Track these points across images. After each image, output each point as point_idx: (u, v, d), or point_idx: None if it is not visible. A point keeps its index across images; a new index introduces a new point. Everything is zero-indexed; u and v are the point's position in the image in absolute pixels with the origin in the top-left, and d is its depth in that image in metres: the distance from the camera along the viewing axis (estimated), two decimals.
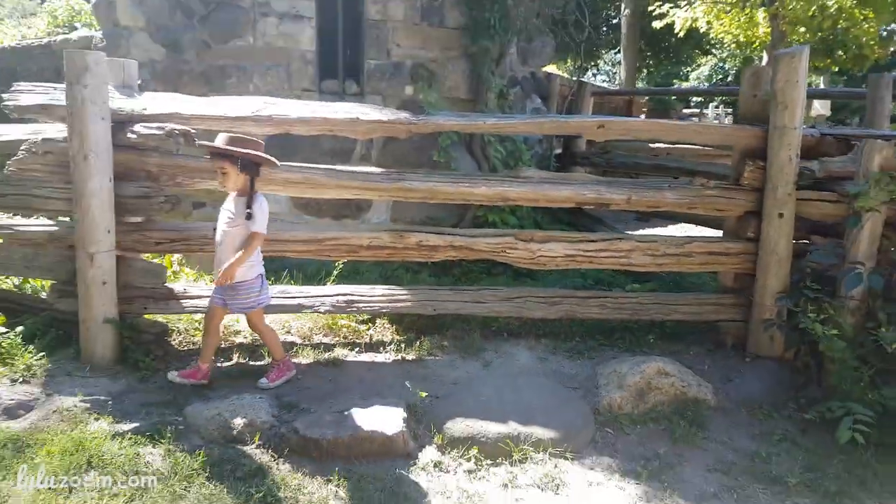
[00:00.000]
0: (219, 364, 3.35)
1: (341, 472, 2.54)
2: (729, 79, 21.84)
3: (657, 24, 9.79)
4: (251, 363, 3.40)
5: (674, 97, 14.21)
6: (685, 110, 15.05)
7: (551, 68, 9.96)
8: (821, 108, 10.91)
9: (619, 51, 15.63)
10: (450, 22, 5.17)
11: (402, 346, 3.57)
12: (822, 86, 12.42)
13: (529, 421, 2.88)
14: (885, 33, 10.35)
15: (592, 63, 18.70)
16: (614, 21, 15.55)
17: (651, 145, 6.30)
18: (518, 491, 2.57)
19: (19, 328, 3.40)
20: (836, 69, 11.65)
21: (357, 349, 3.55)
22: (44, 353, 3.27)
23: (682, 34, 9.63)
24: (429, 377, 3.23)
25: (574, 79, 8.45)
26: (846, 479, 2.73)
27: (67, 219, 3.46)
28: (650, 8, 10.26)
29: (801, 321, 3.14)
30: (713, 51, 17.60)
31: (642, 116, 12.27)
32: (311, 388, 3.13)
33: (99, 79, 3.10)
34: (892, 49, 10.72)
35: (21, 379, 3.11)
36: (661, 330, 3.76)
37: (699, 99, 17.99)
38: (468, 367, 3.37)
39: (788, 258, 3.40)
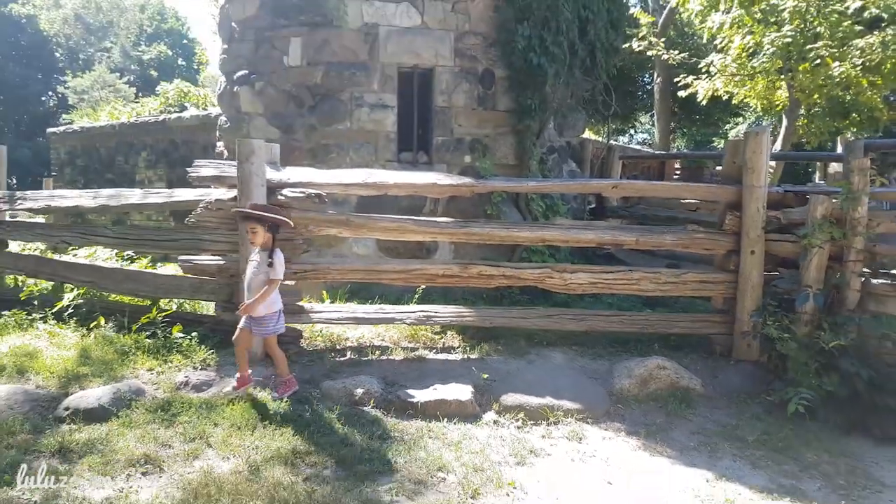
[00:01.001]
0: (338, 359, 4.57)
1: (432, 421, 3.71)
2: None
3: (682, 94, 11.00)
4: (361, 358, 4.61)
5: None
6: (718, 167, 16.02)
7: (588, 133, 11.22)
8: (837, 166, 11.77)
9: (654, 114, 16.87)
10: (500, 106, 6.50)
11: (467, 349, 4.74)
12: (839, 148, 13.27)
13: (561, 397, 3.99)
14: (892, 98, 11.27)
15: (630, 125, 19.99)
16: (649, 87, 16.86)
17: (682, 200, 7.41)
18: (552, 440, 3.67)
19: (193, 333, 4.71)
20: (854, 129, 12.56)
21: (434, 351, 4.73)
22: (213, 350, 4.55)
23: (705, 101, 10.81)
24: (487, 369, 4.37)
25: (606, 138, 9.64)
26: (791, 440, 3.73)
27: (222, 259, 4.79)
28: (675, 80, 11.51)
29: (765, 331, 4.20)
30: (742, 112, 18.62)
31: (676, 175, 13.39)
32: (405, 373, 4.31)
33: (260, 158, 4.46)
34: None
35: (200, 367, 4.38)
36: (665, 341, 4.82)
37: None
38: (516, 364, 4.50)
39: (760, 285, 4.46)
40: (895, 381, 3.90)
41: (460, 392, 3.93)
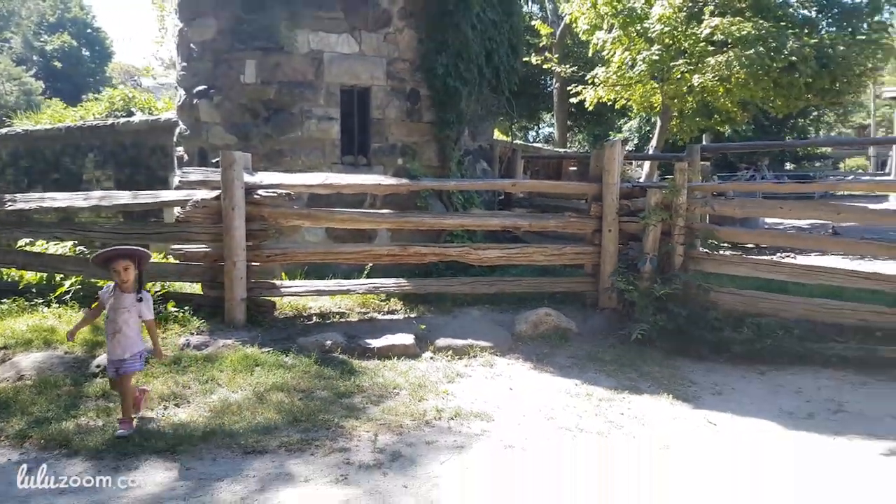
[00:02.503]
0: (306, 322, 5.83)
1: (385, 360, 5.06)
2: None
3: (573, 101, 12.74)
4: (325, 321, 5.88)
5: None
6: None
7: (499, 135, 12.77)
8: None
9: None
10: (425, 119, 7.85)
11: (407, 311, 6.11)
12: (704, 142, 15.62)
13: (478, 339, 5.41)
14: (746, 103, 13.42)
15: (534, 123, 21.87)
16: (550, 90, 18.72)
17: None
18: (472, 367, 5.08)
19: (185, 308, 5.81)
20: (718, 127, 14.77)
21: (382, 313, 6.07)
22: (204, 320, 5.67)
23: (591, 107, 12.59)
24: (424, 322, 5.73)
25: (510, 141, 11.20)
26: (635, 359, 5.28)
27: (207, 247, 5.90)
28: (568, 87, 13.26)
29: (619, 286, 5.80)
30: (628, 113, 20.86)
31: (572, 169, 15.20)
32: (361, 330, 5.60)
33: (240, 166, 5.61)
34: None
35: (196, 333, 5.51)
36: (552, 298, 6.33)
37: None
38: (445, 319, 5.90)
39: (616, 254, 6.03)
40: (706, 319, 5.54)
41: (405, 339, 5.30)
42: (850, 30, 11.93)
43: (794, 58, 10.08)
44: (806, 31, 11.21)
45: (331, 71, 7.39)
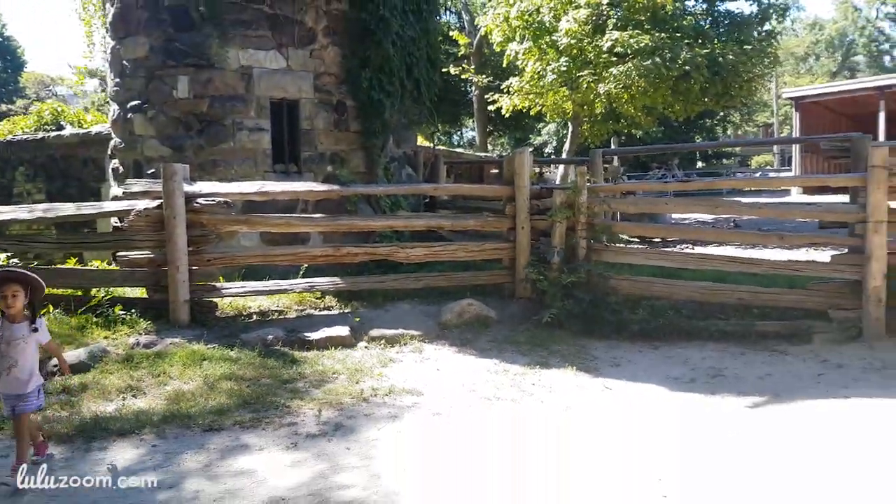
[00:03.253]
0: (247, 321, 6.27)
1: (324, 351, 5.58)
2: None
3: (491, 108, 13.55)
4: (265, 319, 6.33)
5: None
6: (534, 168, 19.05)
7: (423, 141, 13.43)
8: (616, 163, 14.99)
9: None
10: (352, 129, 8.39)
11: (342, 306, 6.63)
12: (614, 144, 16.85)
13: (408, 328, 6.00)
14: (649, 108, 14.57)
15: (457, 128, 22.68)
16: (469, 97, 19.57)
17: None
18: (403, 353, 5.65)
19: (132, 310, 6.13)
20: (625, 131, 15.93)
21: (318, 310, 6.57)
22: (150, 322, 6.02)
23: (507, 114, 13.44)
24: (358, 316, 6.27)
25: (433, 147, 11.88)
26: (546, 340, 5.97)
27: (151, 253, 6.24)
28: (486, 95, 14.11)
29: (532, 277, 6.53)
30: (544, 118, 21.97)
31: (494, 172, 16.05)
32: (300, 325, 6.09)
33: (180, 177, 5.99)
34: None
35: (144, 333, 5.86)
36: (475, 290, 6.97)
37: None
38: (377, 312, 6.47)
39: (528, 248, 6.74)
40: (607, 303, 6.32)
41: (341, 331, 5.83)
42: (741, 38, 13.22)
43: (687, 67, 11.15)
44: (699, 41, 12.36)
45: (260, 85, 7.82)
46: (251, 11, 7.68)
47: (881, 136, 23.81)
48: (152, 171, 7.57)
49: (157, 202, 6.06)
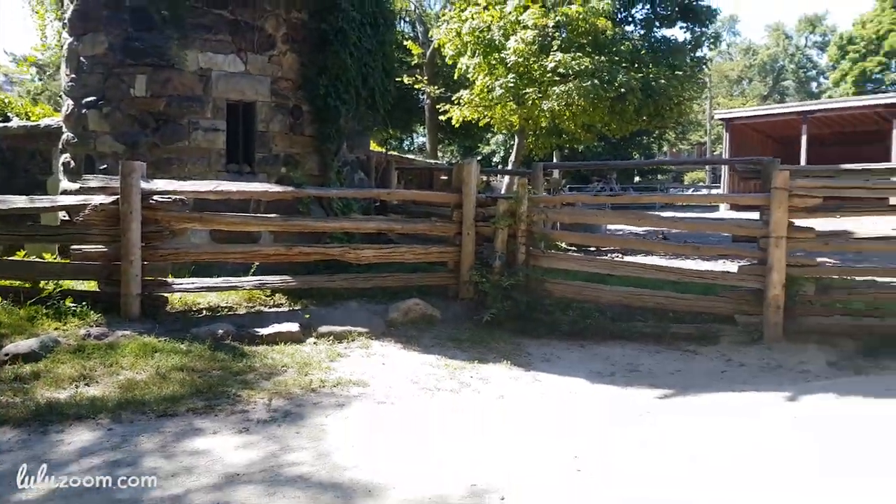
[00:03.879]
0: (198, 316, 6.38)
1: (273, 346, 5.76)
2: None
3: (442, 118, 13.91)
4: (216, 314, 6.45)
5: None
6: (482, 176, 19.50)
7: (375, 146, 13.66)
8: (558, 175, 15.56)
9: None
10: (307, 132, 8.56)
11: (292, 304, 6.81)
12: (554, 160, 17.50)
13: (356, 325, 6.23)
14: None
15: (409, 134, 22.98)
16: (421, 105, 19.91)
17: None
18: (350, 349, 5.89)
19: (83, 303, 6.15)
20: (567, 146, 16.53)
21: (268, 307, 6.73)
22: (101, 314, 6.06)
23: (457, 125, 13.82)
24: (308, 313, 6.49)
25: (385, 152, 12.12)
26: (486, 338, 6.30)
27: (105, 248, 6.28)
28: (437, 105, 14.46)
29: (476, 279, 6.87)
30: (492, 129, 22.53)
31: (444, 178, 16.40)
32: (250, 321, 6.23)
33: (138, 174, 6.07)
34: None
35: (95, 325, 5.91)
36: (421, 291, 7.27)
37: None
38: (327, 310, 6.67)
39: (473, 253, 7.07)
40: (542, 304, 6.72)
41: (291, 327, 6.01)
42: (673, 64, 13.96)
43: (623, 89, 11.75)
44: (635, 65, 13.02)
45: (218, 87, 7.92)
46: (212, 16, 7.79)
47: (803, 158, 25.36)
48: (105, 166, 7.59)
49: (113, 198, 6.12)
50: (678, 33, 34.61)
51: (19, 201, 6.41)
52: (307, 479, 3.43)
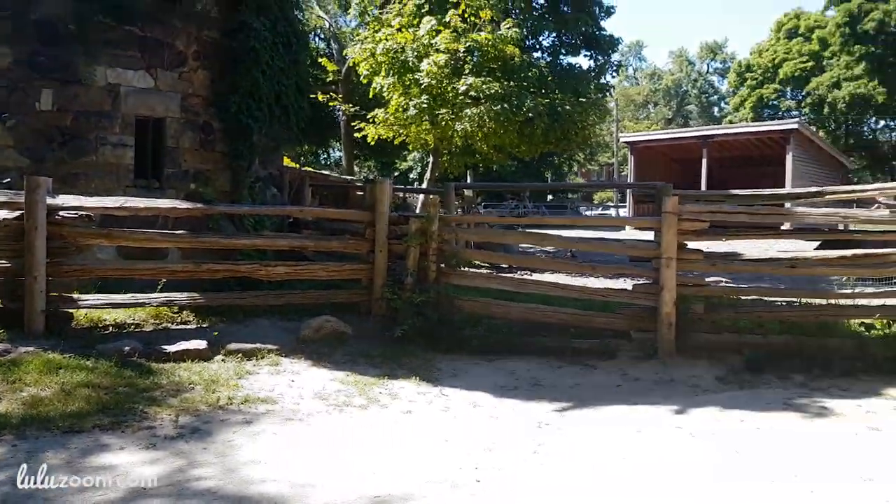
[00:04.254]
0: (104, 332, 6.32)
1: (181, 363, 5.81)
2: None
3: (357, 135, 14.18)
4: (122, 331, 6.42)
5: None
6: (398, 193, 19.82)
7: (288, 162, 13.72)
8: (469, 193, 16.13)
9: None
10: (218, 149, 8.64)
11: (200, 321, 6.85)
12: (468, 179, 18.18)
13: (266, 343, 6.35)
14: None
15: (325, 148, 23.08)
16: (338, 121, 20.10)
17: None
18: (259, 366, 5.95)
19: None
20: (480, 165, 17.16)
21: (175, 324, 6.74)
22: (3, 330, 5.91)
23: (372, 143, 14.15)
24: (216, 331, 6.56)
25: (299, 168, 12.25)
26: (398, 353, 6.49)
27: (8, 263, 6.14)
28: (352, 123, 14.74)
29: (388, 296, 7.16)
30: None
31: (360, 194, 16.64)
32: (157, 338, 6.24)
33: (43, 190, 5.98)
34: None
35: None
36: (334, 307, 7.42)
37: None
38: (237, 327, 6.75)
39: (385, 270, 7.33)
40: (452, 321, 7.06)
41: (199, 344, 6.06)
42: (579, 90, 14.86)
43: (531, 113, 12.44)
44: (542, 91, 13.78)
45: (127, 103, 7.89)
46: (121, 32, 7.77)
47: (703, 181, 27.28)
48: (8, 180, 7.35)
49: (17, 213, 6.02)
50: (583, 61, 36.53)
51: None
52: (215, 493, 3.59)
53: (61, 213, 6.11)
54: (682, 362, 6.55)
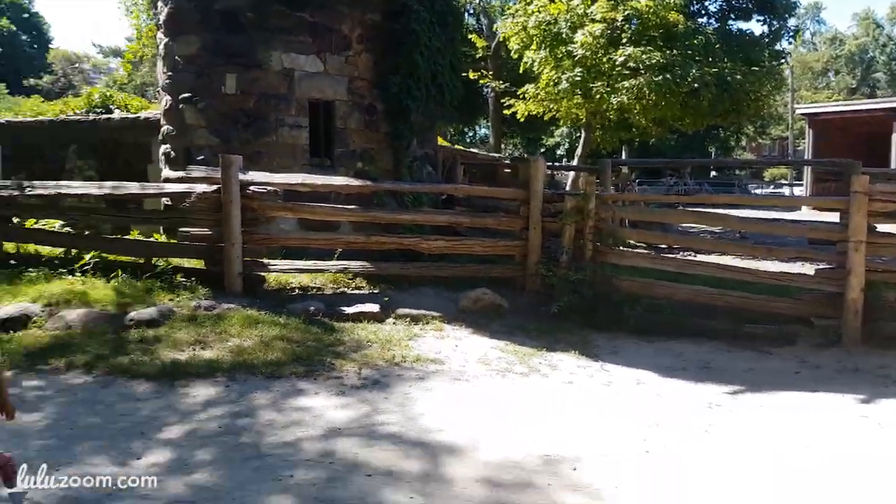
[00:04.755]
0: (291, 294, 7.24)
1: (358, 323, 6.55)
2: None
3: (507, 112, 14.50)
4: (306, 293, 7.27)
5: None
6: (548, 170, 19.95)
7: (440, 140, 14.39)
8: (625, 169, 15.94)
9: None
10: (382, 129, 9.37)
11: (371, 288, 7.60)
12: (623, 154, 17.83)
13: (430, 310, 6.96)
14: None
15: (473, 126, 23.71)
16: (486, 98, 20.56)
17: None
18: (425, 330, 6.56)
19: (192, 279, 7.06)
20: (636, 140, 16.85)
21: (350, 289, 7.54)
22: (208, 289, 6.94)
23: (522, 119, 14.39)
24: (387, 297, 7.26)
25: (451, 147, 12.83)
26: (553, 328, 6.82)
27: (208, 231, 7.20)
28: (502, 100, 15.06)
29: (543, 273, 7.49)
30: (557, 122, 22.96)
31: (507, 171, 17.03)
32: (337, 300, 7.03)
33: (236, 167, 6.95)
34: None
35: (205, 298, 6.77)
36: (489, 281, 7.87)
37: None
38: (403, 294, 7.41)
39: (540, 247, 7.63)
40: (608, 298, 7.27)
41: (373, 307, 6.80)
42: (751, 57, 14.10)
43: (696, 84, 12.06)
44: (709, 59, 13.25)
45: (300, 86, 8.79)
46: (294, 19, 8.66)
47: (893, 157, 24.70)
48: (202, 157, 8.52)
49: (214, 187, 7.03)
50: (755, 26, 34.04)
51: (133, 187, 7.43)
52: (399, 437, 4.16)
53: (252, 187, 7.04)
54: (868, 352, 6.30)
